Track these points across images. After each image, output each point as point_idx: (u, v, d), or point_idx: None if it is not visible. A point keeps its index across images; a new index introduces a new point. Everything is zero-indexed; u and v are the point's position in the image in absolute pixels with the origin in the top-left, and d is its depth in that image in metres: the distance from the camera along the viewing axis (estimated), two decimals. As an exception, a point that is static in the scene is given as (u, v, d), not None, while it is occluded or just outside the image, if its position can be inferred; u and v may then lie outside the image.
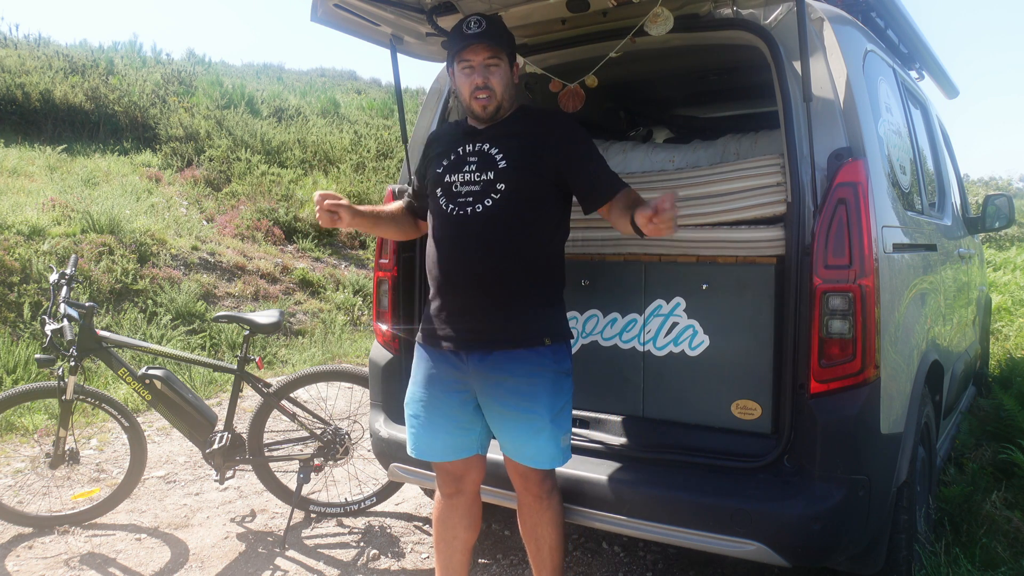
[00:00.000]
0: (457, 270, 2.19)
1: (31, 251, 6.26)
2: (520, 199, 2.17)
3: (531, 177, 2.19)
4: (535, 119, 2.28)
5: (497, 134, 2.24)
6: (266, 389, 3.40)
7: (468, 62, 2.18)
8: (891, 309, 2.27)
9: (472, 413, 2.29)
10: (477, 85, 2.17)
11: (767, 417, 2.38)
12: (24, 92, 10.76)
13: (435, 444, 2.32)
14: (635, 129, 4.59)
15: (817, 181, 2.21)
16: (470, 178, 2.20)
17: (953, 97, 4.86)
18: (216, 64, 17.96)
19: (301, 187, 10.26)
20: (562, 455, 2.27)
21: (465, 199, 2.19)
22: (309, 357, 6.57)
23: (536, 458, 2.24)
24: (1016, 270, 10.14)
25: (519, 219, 2.17)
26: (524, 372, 2.18)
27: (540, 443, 2.21)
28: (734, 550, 2.20)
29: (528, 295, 2.20)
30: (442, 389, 2.28)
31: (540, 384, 2.19)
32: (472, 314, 2.19)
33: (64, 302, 3.27)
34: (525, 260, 2.19)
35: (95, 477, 4.00)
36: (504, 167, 2.18)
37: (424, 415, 2.31)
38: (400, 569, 3.07)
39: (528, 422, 2.19)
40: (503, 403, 2.21)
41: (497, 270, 2.16)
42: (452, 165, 2.25)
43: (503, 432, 2.26)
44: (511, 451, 2.28)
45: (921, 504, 2.75)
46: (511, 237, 2.17)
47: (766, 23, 2.42)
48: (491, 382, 2.21)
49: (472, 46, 2.16)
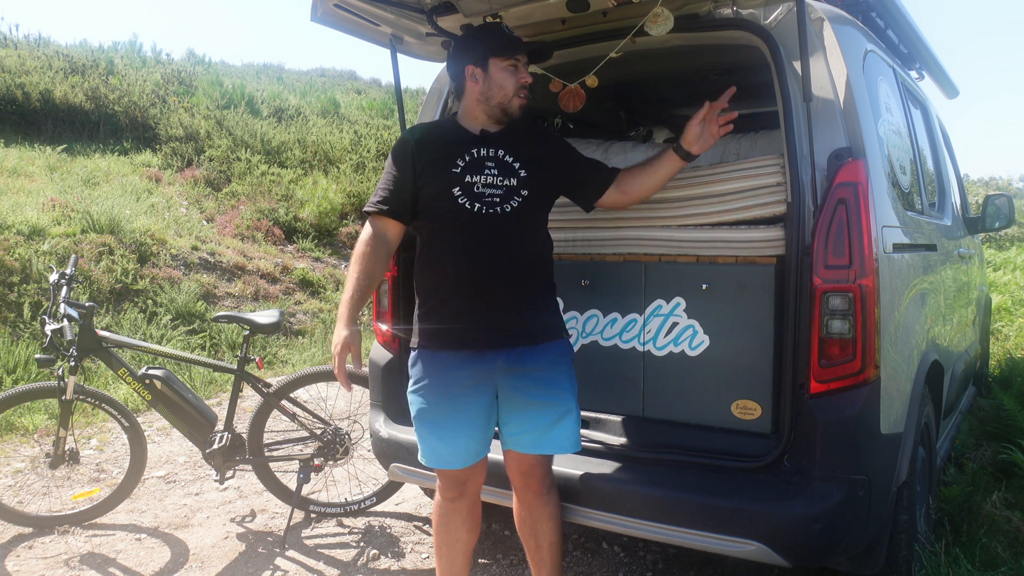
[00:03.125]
0: (484, 268, 2.21)
1: (31, 251, 6.26)
2: (537, 205, 2.31)
3: (546, 185, 2.33)
4: (526, 130, 2.40)
5: (507, 141, 2.29)
6: (266, 389, 3.40)
7: (517, 61, 2.28)
8: (891, 309, 2.27)
9: (492, 412, 2.29)
10: (524, 84, 2.27)
11: (767, 417, 2.38)
12: (24, 92, 10.76)
13: (457, 451, 2.28)
14: (635, 129, 4.59)
15: (817, 181, 2.21)
16: (492, 181, 2.23)
17: (953, 97, 4.86)
18: (216, 64, 17.96)
19: (301, 187, 10.26)
20: (579, 441, 2.34)
21: (491, 199, 2.22)
22: (309, 357, 6.57)
23: (560, 443, 2.29)
24: (1016, 270, 10.14)
25: (535, 222, 2.33)
26: (548, 362, 2.27)
27: (566, 426, 2.28)
28: (734, 550, 2.19)
29: (547, 293, 2.36)
30: (462, 394, 2.24)
31: (563, 372, 2.30)
32: (502, 311, 2.23)
33: (64, 302, 3.27)
34: (542, 260, 2.35)
35: (95, 477, 4.00)
36: (525, 176, 2.26)
37: (443, 421, 2.26)
38: (400, 569, 3.07)
39: (555, 407, 2.26)
40: (528, 393, 2.24)
41: (523, 269, 2.26)
42: (470, 166, 2.23)
43: (525, 423, 2.26)
44: (528, 443, 2.27)
45: (921, 504, 2.75)
46: (531, 238, 2.30)
47: (766, 23, 2.42)
48: (515, 374, 2.24)
49: (523, 51, 2.30)
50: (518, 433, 2.28)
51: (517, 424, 2.28)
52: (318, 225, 9.56)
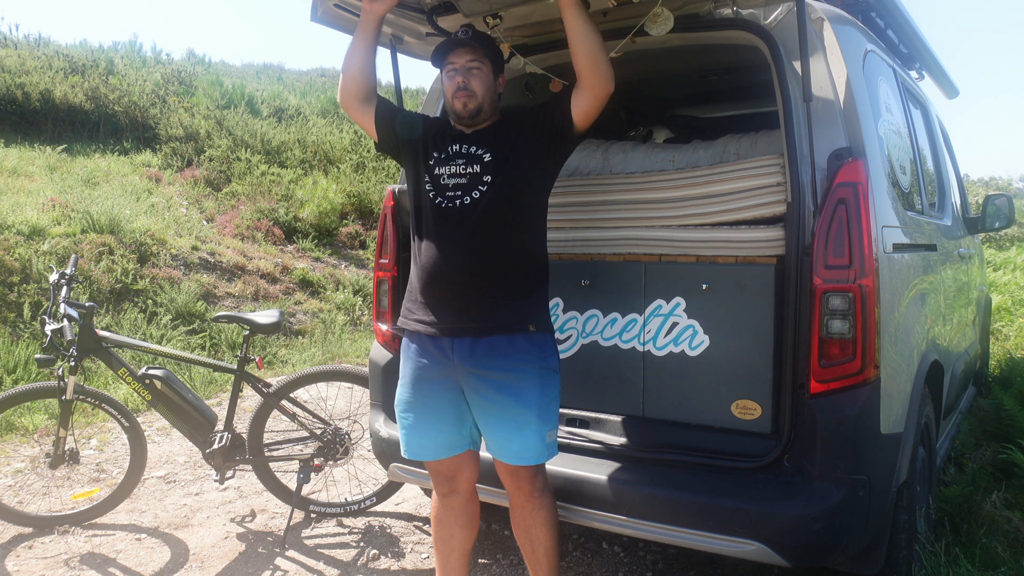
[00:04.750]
0: (444, 260, 2.22)
1: (31, 251, 6.26)
2: (509, 189, 2.23)
3: (517, 161, 2.25)
4: (506, 121, 2.37)
5: (485, 137, 2.31)
6: (266, 389, 3.40)
7: (452, 64, 2.30)
8: (891, 309, 2.27)
9: (461, 408, 2.30)
10: (459, 85, 2.27)
11: (767, 417, 2.38)
12: (24, 92, 10.75)
13: (426, 443, 2.33)
14: (635, 129, 4.58)
15: (817, 181, 2.21)
16: (456, 171, 2.27)
17: (953, 97, 4.86)
18: (216, 64, 17.94)
19: (301, 187, 10.26)
20: (547, 451, 2.28)
21: (453, 191, 2.25)
22: (309, 357, 6.57)
23: (521, 454, 2.25)
24: (1016, 270, 10.14)
25: (510, 209, 2.24)
26: (510, 366, 2.21)
27: (525, 438, 2.22)
28: (734, 550, 2.19)
29: (518, 285, 2.26)
30: (430, 387, 2.29)
31: (526, 378, 2.22)
32: (458, 301, 2.23)
33: (64, 302, 3.27)
34: (513, 252, 2.25)
35: (95, 477, 4.00)
36: (489, 160, 2.25)
37: (414, 415, 2.33)
38: (400, 569, 3.07)
39: (514, 416, 2.21)
40: (488, 398, 2.23)
41: (487, 262, 2.22)
42: (441, 160, 2.31)
43: (488, 429, 2.28)
44: (496, 449, 2.29)
45: (921, 504, 2.75)
46: (497, 228, 2.23)
47: (766, 23, 2.42)
48: (477, 377, 2.22)
49: (456, 49, 2.29)
50: (488, 438, 2.31)
51: (484, 429, 2.30)
52: (318, 225, 9.56)
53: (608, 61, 2.19)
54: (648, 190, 2.62)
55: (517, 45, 2.68)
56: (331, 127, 13.14)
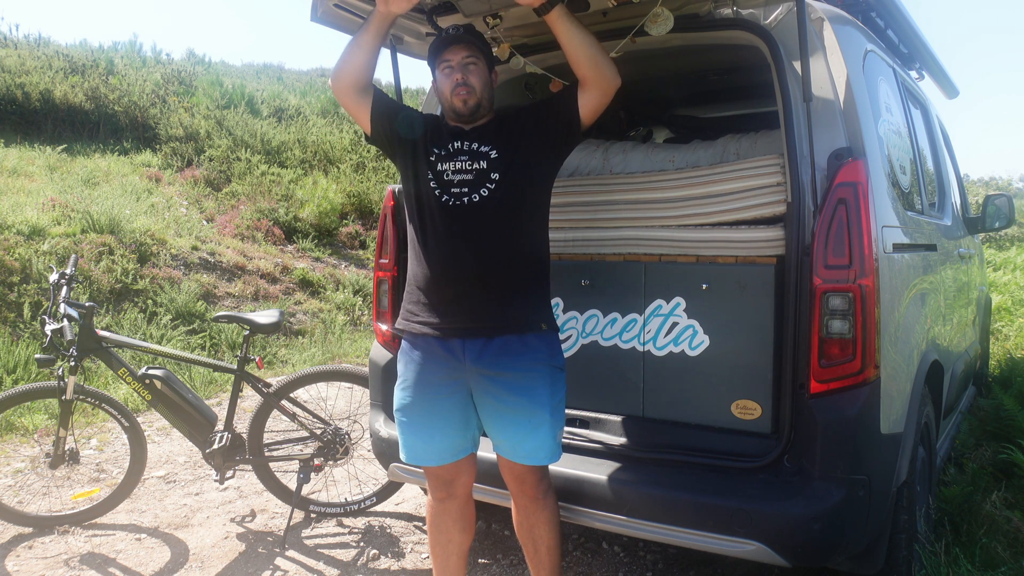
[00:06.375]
0: (452, 259, 2.20)
1: (31, 251, 6.26)
2: (517, 187, 2.22)
3: (525, 159, 2.24)
4: (508, 117, 2.34)
5: (485, 134, 2.28)
6: (266, 389, 3.40)
7: (448, 61, 2.26)
8: (891, 309, 2.27)
9: (468, 410, 2.28)
10: (458, 81, 2.24)
11: (767, 417, 2.38)
12: (24, 92, 10.75)
13: (431, 447, 2.30)
14: (635, 129, 4.58)
15: (817, 181, 2.21)
16: (462, 167, 2.23)
17: (953, 97, 4.86)
18: (216, 64, 17.94)
19: (301, 187, 10.26)
20: (558, 451, 2.29)
21: (459, 188, 2.21)
22: (309, 357, 6.57)
23: (534, 454, 2.24)
24: (1016, 270, 10.14)
25: (517, 207, 2.23)
26: (521, 366, 2.19)
27: (540, 438, 2.22)
28: (734, 550, 2.19)
29: (524, 285, 2.25)
30: (436, 390, 2.25)
31: (538, 377, 2.21)
32: (467, 301, 2.20)
33: (64, 302, 3.27)
34: (519, 251, 2.24)
35: (95, 477, 4.00)
36: (496, 156, 2.22)
37: (419, 419, 2.28)
38: (400, 569, 3.07)
39: (528, 416, 2.20)
40: (501, 399, 2.21)
41: (493, 261, 2.19)
42: (443, 157, 2.27)
43: (500, 430, 2.26)
44: (507, 450, 2.27)
45: (921, 504, 2.75)
46: (507, 225, 2.21)
47: (766, 23, 2.42)
48: (488, 378, 2.20)
49: (451, 46, 2.25)
50: (498, 439, 2.28)
51: (495, 430, 2.27)
52: (318, 225, 9.56)
53: (609, 59, 2.19)
54: (648, 190, 2.62)
55: (517, 45, 2.68)
56: (331, 127, 13.14)
